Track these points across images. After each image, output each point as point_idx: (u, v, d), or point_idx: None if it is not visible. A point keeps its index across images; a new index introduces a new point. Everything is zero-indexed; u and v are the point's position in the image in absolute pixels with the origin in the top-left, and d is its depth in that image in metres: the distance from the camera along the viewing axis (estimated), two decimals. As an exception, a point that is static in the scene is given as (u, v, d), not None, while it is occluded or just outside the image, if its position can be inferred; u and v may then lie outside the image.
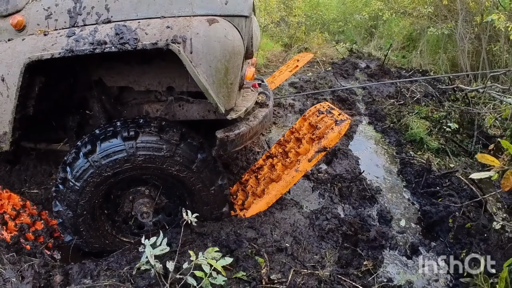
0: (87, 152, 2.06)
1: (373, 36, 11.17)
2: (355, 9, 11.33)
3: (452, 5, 7.79)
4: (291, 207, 2.78)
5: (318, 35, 9.56)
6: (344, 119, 2.64)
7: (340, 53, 9.42)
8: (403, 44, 9.91)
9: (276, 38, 9.54)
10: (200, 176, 2.22)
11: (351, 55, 9.57)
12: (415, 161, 3.93)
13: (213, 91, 1.90)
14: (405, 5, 9.08)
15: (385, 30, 10.49)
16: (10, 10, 2.11)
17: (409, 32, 9.71)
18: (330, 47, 9.90)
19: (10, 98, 2.07)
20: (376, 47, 10.43)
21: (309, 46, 9.17)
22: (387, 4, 9.43)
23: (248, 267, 2.04)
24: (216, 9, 1.98)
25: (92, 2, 2.02)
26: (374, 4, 9.16)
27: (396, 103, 5.68)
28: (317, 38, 9.60)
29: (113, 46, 1.84)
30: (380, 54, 9.47)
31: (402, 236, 2.85)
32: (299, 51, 8.54)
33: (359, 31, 11.66)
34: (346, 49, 9.86)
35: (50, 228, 2.56)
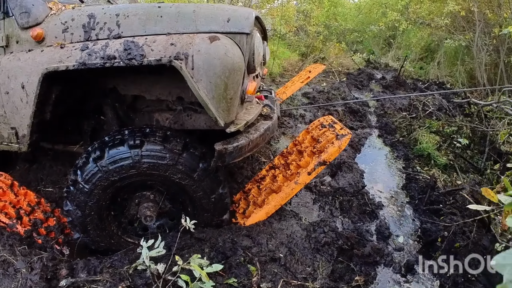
0: (96, 158, 2.21)
1: (391, 46, 11.10)
2: (372, 20, 11.30)
3: (470, 16, 7.70)
4: (290, 218, 2.85)
5: (335, 45, 9.59)
6: (345, 133, 2.70)
7: (357, 63, 9.41)
8: (421, 55, 9.83)
9: (294, 47, 9.61)
10: (201, 184, 2.32)
11: (368, 66, 9.55)
12: (421, 177, 3.93)
13: (213, 105, 2.01)
14: (422, 16, 9.01)
15: (403, 41, 10.42)
16: (31, 23, 2.30)
17: (427, 43, 9.63)
18: (347, 57, 9.91)
19: (29, 104, 2.25)
20: (393, 57, 10.37)
21: (326, 56, 9.19)
22: (404, 15, 9.38)
23: (240, 275, 2.13)
24: (219, 27, 2.11)
25: (104, 18, 2.18)
26: (390, 15, 9.14)
27: (408, 116, 5.67)
28: (334, 48, 9.63)
29: (122, 61, 1.98)
30: (397, 65, 9.41)
31: (399, 253, 2.87)
32: (315, 61, 8.59)
33: (377, 41, 11.61)
34: (363, 59, 9.84)
35: (61, 225, 2.71)
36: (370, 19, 11.46)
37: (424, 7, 8.95)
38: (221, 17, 2.13)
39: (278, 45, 8.23)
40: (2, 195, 2.59)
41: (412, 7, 9.28)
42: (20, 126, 2.39)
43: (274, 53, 7.74)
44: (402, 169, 4.27)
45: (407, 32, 9.84)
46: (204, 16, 2.13)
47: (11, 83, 2.28)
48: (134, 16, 2.16)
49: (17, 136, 2.44)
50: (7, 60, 2.31)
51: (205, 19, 2.12)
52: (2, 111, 2.41)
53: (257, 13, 2.50)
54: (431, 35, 9.13)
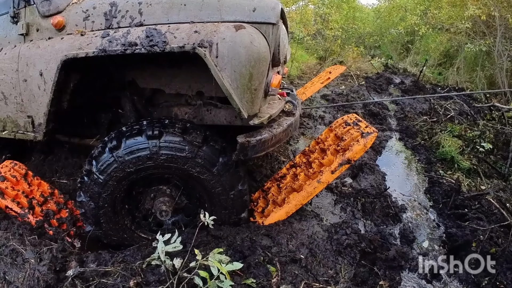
0: (112, 148, 2.14)
1: (409, 51, 11.00)
2: (391, 24, 11.18)
3: (491, 21, 7.55)
4: (311, 219, 2.75)
5: (354, 49, 9.50)
6: (371, 132, 2.59)
7: (375, 67, 9.31)
8: (440, 61, 9.68)
9: (312, 50, 9.55)
10: (220, 179, 2.24)
11: (386, 70, 9.45)
12: (444, 180, 3.80)
13: (237, 95, 1.92)
14: (442, 21, 8.87)
15: (422, 46, 10.30)
16: (52, 11, 2.28)
17: (446, 49, 9.49)
18: (365, 62, 9.83)
19: (46, 91, 2.20)
20: (412, 62, 10.25)
21: (344, 60, 9.13)
22: (423, 19, 9.25)
23: (259, 275, 2.02)
24: (244, 16, 2.03)
25: (126, 6, 2.12)
26: (410, 19, 9.01)
27: (429, 120, 5.53)
28: (352, 52, 9.55)
29: (143, 48, 1.91)
30: (415, 70, 9.29)
31: (423, 258, 2.74)
32: (333, 64, 8.53)
33: (395, 46, 11.52)
34: (381, 64, 9.74)
35: (74, 217, 2.66)
36: (388, 23, 11.34)
37: (444, 12, 8.80)
38: (247, 7, 2.05)
39: (297, 48, 8.17)
40: (15, 184, 2.56)
41: (431, 11, 9.13)
42: (36, 114, 2.35)
43: (292, 56, 7.72)
44: (424, 172, 4.13)
45: (426, 37, 9.70)
46: (229, 5, 2.05)
47: (30, 71, 2.25)
48: (157, 4, 2.10)
49: (33, 125, 2.41)
50: (27, 48, 2.29)
51: (230, 8, 2.05)
52: (20, 99, 2.38)
53: (283, 6, 2.41)
54: (450, 40, 8.97)
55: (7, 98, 2.45)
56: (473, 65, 8.43)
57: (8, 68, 2.36)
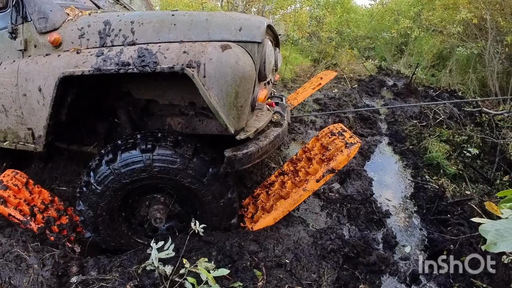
0: (109, 160, 2.27)
1: (403, 53, 11.07)
2: (384, 27, 11.27)
3: (483, 23, 7.65)
4: (297, 225, 2.88)
5: (348, 51, 9.60)
6: (355, 142, 2.72)
7: (368, 70, 9.40)
8: (433, 63, 9.78)
9: (306, 52, 9.63)
10: (210, 188, 2.37)
11: (380, 72, 9.54)
12: (429, 186, 3.92)
13: (223, 113, 2.04)
14: (435, 23, 8.97)
15: (415, 48, 10.38)
16: (48, 28, 2.38)
17: (439, 51, 9.58)
18: (358, 64, 9.91)
19: (45, 106, 2.32)
20: (405, 64, 10.35)
21: (338, 62, 9.21)
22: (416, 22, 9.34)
23: (245, 279, 2.16)
24: (231, 35, 2.14)
25: (120, 25, 2.24)
26: (402, 22, 9.12)
27: (419, 124, 5.65)
28: (346, 55, 9.65)
29: (135, 68, 2.04)
30: (409, 72, 9.39)
31: (404, 263, 2.87)
32: (327, 67, 8.62)
33: (389, 48, 11.59)
34: (375, 66, 9.82)
35: (74, 223, 2.78)
36: (382, 26, 11.43)
37: (437, 14, 8.90)
38: (233, 26, 2.16)
39: (291, 50, 8.27)
40: (17, 192, 2.67)
41: (425, 14, 9.23)
42: (36, 127, 2.47)
43: (286, 59, 7.78)
44: (411, 177, 4.26)
45: (419, 39, 9.81)
46: (216, 25, 2.17)
47: (29, 86, 2.35)
48: (148, 24, 2.21)
49: (33, 137, 2.52)
50: (25, 64, 2.39)
51: (218, 27, 2.16)
52: (20, 112, 2.49)
53: (269, 21, 2.53)
54: (443, 42, 9.08)
55: (8, 111, 2.55)
56: (465, 67, 8.53)
57: (8, 83, 2.45)
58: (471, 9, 7.81)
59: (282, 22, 9.35)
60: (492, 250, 0.92)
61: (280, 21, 9.38)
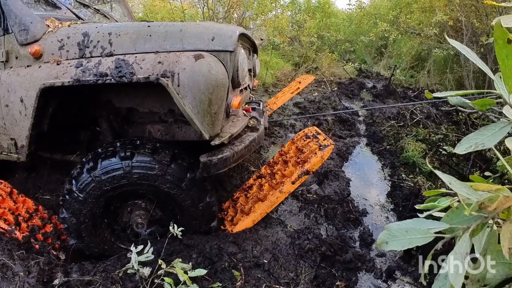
0: (89, 168, 2.34)
1: (383, 55, 11.30)
2: (363, 30, 11.49)
3: (459, 25, 7.88)
4: (276, 226, 2.98)
5: (328, 55, 9.77)
6: (328, 144, 2.85)
7: (348, 73, 9.58)
8: (412, 64, 10.02)
9: (287, 57, 9.77)
10: (189, 193, 2.45)
11: (360, 75, 9.72)
12: (405, 184, 4.07)
13: (198, 120, 2.14)
14: (413, 26, 9.20)
15: (394, 50, 10.63)
16: (29, 40, 2.44)
17: (417, 52, 9.83)
18: (339, 67, 10.08)
19: (27, 116, 2.39)
20: (385, 66, 10.57)
21: (319, 66, 9.36)
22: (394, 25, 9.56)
23: (224, 279, 2.25)
24: (204, 45, 2.25)
25: (98, 37, 2.32)
26: (380, 26, 9.33)
27: (396, 124, 5.81)
28: (326, 58, 9.82)
29: (113, 79, 2.13)
30: (388, 74, 9.61)
31: (380, 259, 2.98)
32: (308, 70, 8.76)
33: (369, 50, 11.82)
34: (355, 68, 10.01)
35: (58, 231, 2.82)
36: (361, 29, 11.66)
37: (414, 17, 9.14)
38: (206, 36, 2.27)
39: (272, 55, 8.40)
40: (2, 202, 2.72)
41: (403, 17, 9.47)
42: (19, 137, 2.52)
43: (267, 64, 7.89)
44: (388, 177, 4.40)
45: (398, 41, 10.04)
46: (190, 35, 2.27)
47: (11, 97, 2.41)
48: (125, 35, 2.30)
49: (16, 147, 2.57)
50: (7, 75, 2.44)
51: (191, 37, 2.26)
52: (2, 123, 2.54)
53: (243, 30, 2.64)
54: (421, 44, 9.32)
55: (-10, 122, 2.60)
56: (443, 67, 8.77)
57: None
58: (446, 12, 8.05)
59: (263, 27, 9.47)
60: (384, 248, 1.00)
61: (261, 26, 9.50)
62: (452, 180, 1.05)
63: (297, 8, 9.90)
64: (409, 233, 1.02)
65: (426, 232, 1.00)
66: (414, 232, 1.01)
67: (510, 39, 0.92)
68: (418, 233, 1.01)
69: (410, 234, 1.01)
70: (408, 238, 1.01)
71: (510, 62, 0.95)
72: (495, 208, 0.90)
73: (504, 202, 0.89)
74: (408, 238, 1.01)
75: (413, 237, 1.01)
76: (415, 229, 1.02)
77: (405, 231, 1.02)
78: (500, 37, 0.93)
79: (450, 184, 1.05)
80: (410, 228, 1.02)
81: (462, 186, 1.04)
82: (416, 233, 1.01)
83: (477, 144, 1.07)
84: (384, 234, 1.03)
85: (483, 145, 1.06)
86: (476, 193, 1.02)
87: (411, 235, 1.01)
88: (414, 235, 1.01)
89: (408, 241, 1.00)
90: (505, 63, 0.97)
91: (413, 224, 1.04)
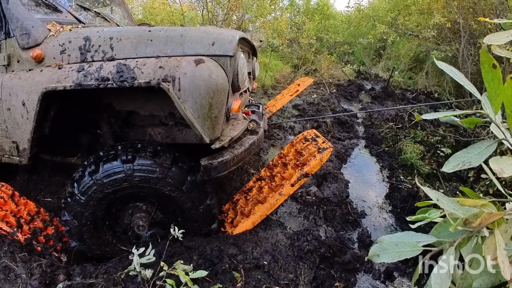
0: (91, 171, 2.37)
1: (381, 57, 11.33)
2: (362, 32, 11.53)
3: (456, 27, 7.92)
4: (275, 227, 3.01)
5: (327, 57, 9.80)
6: (327, 147, 2.88)
7: (347, 75, 9.62)
8: (410, 66, 10.05)
9: (286, 59, 9.80)
10: (189, 196, 2.48)
11: (358, 77, 9.76)
12: (403, 186, 4.11)
13: (198, 124, 2.16)
14: (411, 28, 9.24)
15: (393, 52, 10.66)
16: (31, 44, 2.46)
17: (415, 54, 9.87)
18: (338, 69, 10.12)
19: (29, 120, 2.40)
20: (384, 68, 10.60)
21: (318, 68, 9.40)
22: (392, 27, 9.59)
23: (225, 281, 2.28)
24: (204, 50, 2.27)
25: (99, 41, 2.35)
26: (379, 28, 9.36)
27: (394, 126, 5.84)
28: (325, 60, 9.85)
29: (114, 83, 2.15)
30: (387, 75, 9.65)
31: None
32: (307, 72, 8.79)
33: (368, 52, 11.85)
34: (353, 70, 10.04)
35: (59, 233, 2.85)
36: (360, 31, 11.70)
37: (413, 19, 9.19)
38: (206, 41, 2.29)
39: (271, 57, 8.43)
40: (3, 204, 2.74)
41: (401, 19, 9.51)
42: (21, 140, 2.54)
43: (266, 66, 7.92)
44: (386, 178, 4.43)
45: (396, 43, 10.08)
46: (190, 40, 2.29)
47: (13, 100, 2.42)
48: (126, 40, 2.33)
49: (18, 150, 2.59)
50: (9, 79, 2.46)
51: (192, 42, 2.29)
52: (4, 126, 2.56)
53: (242, 34, 2.66)
54: (419, 46, 9.36)
55: (-8, 125, 2.62)
56: (441, 69, 8.79)
57: None
58: (444, 14, 8.09)
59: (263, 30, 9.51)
60: (375, 260, 1.06)
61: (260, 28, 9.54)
62: (439, 197, 1.11)
63: (296, 10, 9.96)
64: (398, 246, 1.07)
65: (415, 245, 1.06)
66: (403, 246, 1.07)
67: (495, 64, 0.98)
68: (407, 246, 1.07)
69: (399, 247, 1.07)
70: (398, 251, 1.07)
71: (495, 85, 1.02)
72: (479, 224, 0.95)
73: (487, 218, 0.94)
74: (397, 251, 1.07)
75: (402, 250, 1.07)
76: (404, 242, 1.08)
77: (395, 245, 1.08)
78: (486, 61, 1.01)
79: (437, 200, 1.11)
80: (400, 241, 1.08)
81: (449, 202, 1.10)
82: (406, 246, 1.07)
83: (464, 163, 1.13)
84: (376, 247, 1.10)
85: (470, 163, 1.12)
86: (463, 208, 1.07)
87: (401, 248, 1.07)
88: (403, 248, 1.07)
89: (397, 254, 1.06)
90: (491, 85, 1.03)
91: (403, 237, 1.10)
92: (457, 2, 7.73)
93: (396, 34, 9.49)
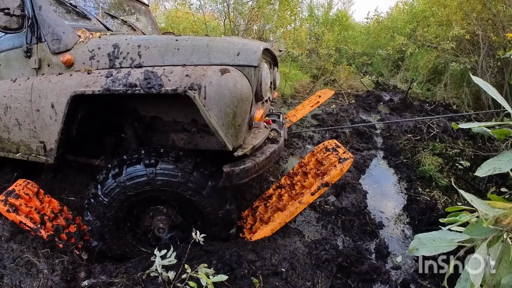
0: (115, 174, 2.43)
1: (399, 68, 11.27)
2: (381, 43, 11.50)
3: (475, 38, 7.85)
4: (294, 235, 3.02)
5: (346, 67, 9.80)
6: (347, 157, 2.88)
7: (365, 85, 9.59)
8: (429, 77, 9.97)
9: (306, 69, 9.83)
10: (210, 200, 2.51)
11: (377, 88, 9.74)
12: (421, 198, 4.07)
13: (222, 131, 2.21)
14: (430, 39, 9.18)
15: (411, 63, 10.60)
16: (61, 49, 2.56)
17: (434, 65, 9.79)
18: (356, 80, 10.11)
19: (57, 121, 2.49)
20: (402, 79, 10.54)
21: (336, 78, 9.40)
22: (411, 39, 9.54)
23: (243, 286, 2.29)
24: (229, 60, 2.32)
25: (127, 49, 2.42)
26: (398, 39, 9.33)
27: (413, 138, 5.80)
28: (344, 71, 9.84)
29: (142, 89, 2.21)
30: (405, 87, 9.60)
31: (396, 272, 2.98)
32: (325, 83, 8.81)
33: (386, 63, 11.80)
34: (372, 81, 10.00)
35: (81, 231, 2.92)
36: (379, 42, 11.67)
37: (431, 31, 9.13)
38: (232, 51, 2.34)
39: (291, 67, 8.48)
40: (29, 201, 2.83)
41: (420, 30, 9.47)
42: (48, 140, 2.64)
43: (286, 75, 7.96)
44: (404, 190, 4.40)
45: (415, 55, 10.02)
46: (216, 50, 2.35)
47: (42, 102, 2.52)
48: (154, 48, 2.40)
49: (45, 150, 2.69)
50: (39, 81, 2.56)
51: (217, 52, 2.34)
52: (33, 126, 2.66)
53: (266, 45, 2.71)
54: (438, 57, 9.28)
55: (21, 125, 2.72)
56: (459, 81, 8.71)
57: (22, 98, 2.63)
58: (463, 25, 8.03)
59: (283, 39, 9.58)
60: (414, 253, 1.16)
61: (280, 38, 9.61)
62: (473, 198, 1.19)
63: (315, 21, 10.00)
64: (436, 242, 1.17)
65: (450, 242, 1.15)
66: (440, 241, 1.16)
67: None
68: (443, 242, 1.16)
69: (437, 243, 1.16)
70: (435, 245, 1.16)
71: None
72: (509, 222, 1.05)
73: (516, 217, 1.01)
74: (435, 246, 1.16)
75: (439, 245, 1.16)
76: (441, 238, 1.17)
77: (432, 240, 1.17)
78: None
79: (472, 201, 1.19)
80: (437, 237, 1.18)
81: (482, 203, 1.19)
82: (442, 242, 1.16)
83: (495, 168, 1.26)
84: (415, 242, 1.19)
85: (500, 169, 1.24)
86: (493, 209, 1.16)
87: (438, 244, 1.16)
88: (440, 244, 1.16)
89: (435, 248, 1.16)
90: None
91: (439, 234, 1.19)
92: (476, 13, 7.67)
93: (414, 45, 9.43)
